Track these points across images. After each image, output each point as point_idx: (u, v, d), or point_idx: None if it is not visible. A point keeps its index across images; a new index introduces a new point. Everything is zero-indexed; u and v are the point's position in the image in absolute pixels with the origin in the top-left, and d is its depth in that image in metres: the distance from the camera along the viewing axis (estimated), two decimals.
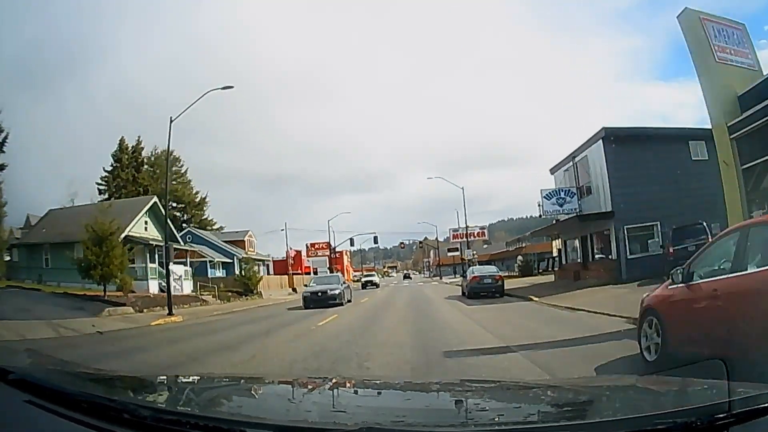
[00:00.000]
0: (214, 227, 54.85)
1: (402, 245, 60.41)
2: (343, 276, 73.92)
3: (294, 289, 45.04)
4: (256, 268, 42.27)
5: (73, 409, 1.55)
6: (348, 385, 2.43)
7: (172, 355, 9.66)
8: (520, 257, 49.21)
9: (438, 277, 70.08)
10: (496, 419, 1.65)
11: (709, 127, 14.07)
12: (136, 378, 2.38)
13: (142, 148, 49.96)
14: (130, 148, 48.95)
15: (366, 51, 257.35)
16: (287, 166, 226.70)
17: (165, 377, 2.63)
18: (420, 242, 62.73)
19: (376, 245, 54.29)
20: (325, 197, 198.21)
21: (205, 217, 55.61)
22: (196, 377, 2.97)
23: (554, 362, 6.60)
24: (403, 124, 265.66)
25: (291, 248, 58.81)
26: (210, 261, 40.67)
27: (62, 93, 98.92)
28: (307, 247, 68.23)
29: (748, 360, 3.61)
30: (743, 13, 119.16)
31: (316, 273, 58.44)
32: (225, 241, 46.79)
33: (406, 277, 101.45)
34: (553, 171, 29.49)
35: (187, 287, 29.82)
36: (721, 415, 1.25)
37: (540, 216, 27.06)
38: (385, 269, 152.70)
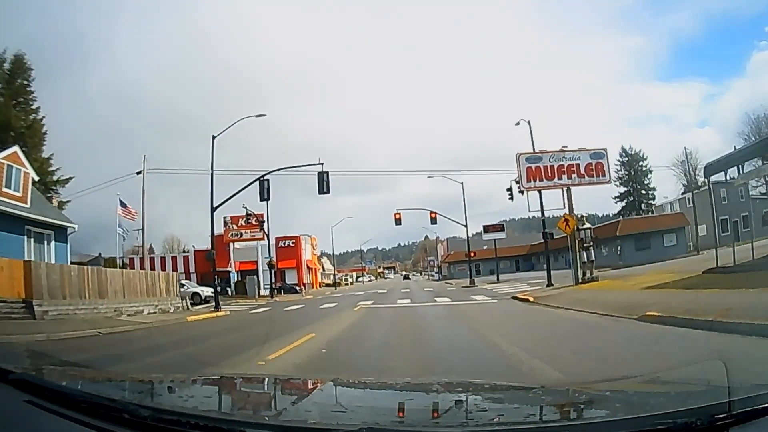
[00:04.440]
0: (55, 174, 32.08)
1: (397, 217, 36.77)
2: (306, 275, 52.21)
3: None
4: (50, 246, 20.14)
5: (73, 409, 1.55)
6: (348, 385, 2.43)
7: None
8: None
9: (468, 282, 34.93)
10: (496, 419, 1.65)
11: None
12: (137, 378, 2.38)
13: None
14: None
15: (366, 50, 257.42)
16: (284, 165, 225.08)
17: (165, 377, 2.62)
18: (432, 213, 36.67)
19: (327, 194, 23.03)
20: (324, 197, 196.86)
21: (41, 153, 31.47)
22: (196, 377, 2.97)
23: None
24: (404, 124, 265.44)
25: (139, 217, 28.72)
26: None
27: (58, 89, 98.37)
28: (225, 223, 37.78)
29: None
30: (743, 14, 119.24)
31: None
32: None
33: (406, 278, 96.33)
34: None
35: None
36: (722, 416, 1.25)
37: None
38: (380, 270, 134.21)
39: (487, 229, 43.66)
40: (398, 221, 36.46)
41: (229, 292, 38.01)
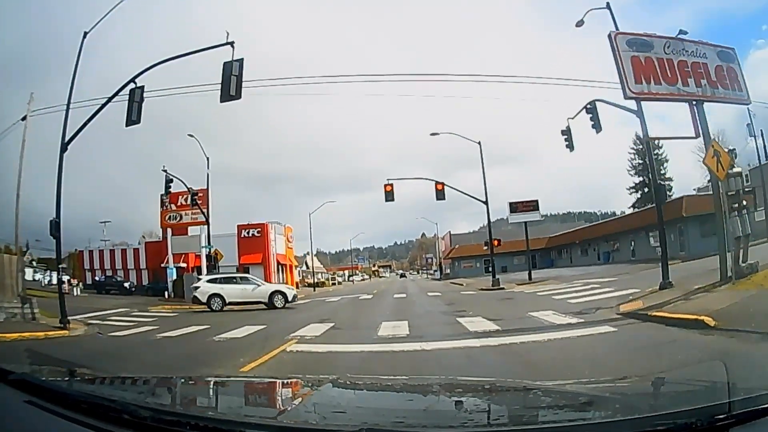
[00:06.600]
0: None
1: (388, 189, 27.59)
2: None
3: None
4: None
5: (73, 409, 1.55)
6: (348, 385, 2.43)
7: None
8: None
9: (491, 283, 25.12)
10: (496, 420, 1.66)
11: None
12: (136, 378, 2.37)
13: None
14: None
15: (364, 47, 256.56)
16: (282, 165, 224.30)
17: (165, 378, 2.62)
18: (438, 185, 27.41)
19: (236, 98, 12.22)
20: (321, 196, 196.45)
21: None
22: (196, 378, 2.97)
23: None
24: (401, 122, 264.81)
25: None
26: None
27: (54, 87, 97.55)
28: (162, 202, 28.39)
29: None
30: (743, 13, 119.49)
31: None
32: None
33: (402, 276, 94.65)
34: None
35: None
36: (722, 416, 1.25)
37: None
38: (375, 268, 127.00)
39: (515, 207, 30.31)
40: (389, 194, 28.51)
41: (167, 294, 28.98)
